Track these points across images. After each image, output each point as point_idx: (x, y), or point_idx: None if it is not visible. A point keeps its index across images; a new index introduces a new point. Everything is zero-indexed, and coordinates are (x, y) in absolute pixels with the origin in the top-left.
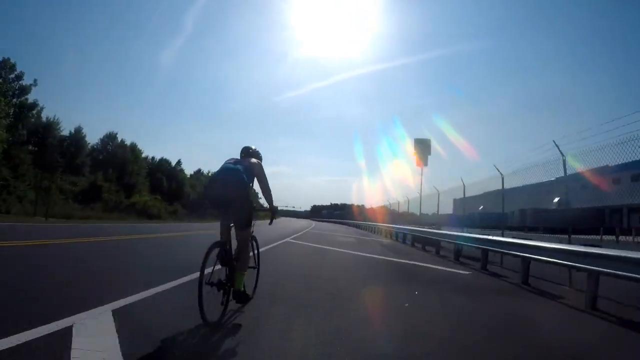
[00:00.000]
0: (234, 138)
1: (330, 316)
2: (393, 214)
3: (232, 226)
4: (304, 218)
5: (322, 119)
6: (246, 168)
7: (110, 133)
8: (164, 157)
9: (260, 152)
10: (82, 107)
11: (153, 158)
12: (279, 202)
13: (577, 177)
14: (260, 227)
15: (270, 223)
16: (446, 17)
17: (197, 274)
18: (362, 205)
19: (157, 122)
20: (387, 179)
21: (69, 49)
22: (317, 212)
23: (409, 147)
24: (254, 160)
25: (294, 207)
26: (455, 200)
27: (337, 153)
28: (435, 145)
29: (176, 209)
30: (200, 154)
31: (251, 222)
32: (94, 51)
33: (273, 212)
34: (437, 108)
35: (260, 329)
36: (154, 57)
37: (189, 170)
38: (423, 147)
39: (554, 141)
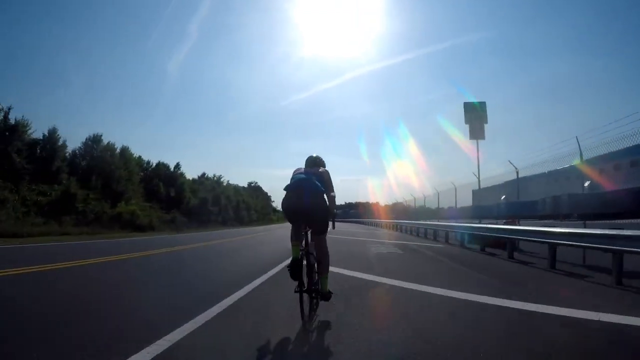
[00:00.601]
0: (246, 143)
1: None
2: (408, 210)
3: (309, 232)
4: None
5: (333, 119)
6: (318, 177)
7: (94, 135)
8: (162, 161)
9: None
10: (92, 120)
11: (149, 162)
12: None
13: (607, 157)
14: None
15: (334, 227)
16: (450, 9)
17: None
18: (377, 203)
19: (168, 132)
20: (400, 175)
21: (76, 65)
22: None
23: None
24: (322, 168)
25: None
26: (474, 192)
27: (349, 152)
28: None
29: (174, 217)
30: (211, 160)
31: (327, 228)
32: (99, 63)
33: (333, 217)
34: (447, 101)
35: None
36: (161, 67)
37: (191, 174)
38: (476, 113)
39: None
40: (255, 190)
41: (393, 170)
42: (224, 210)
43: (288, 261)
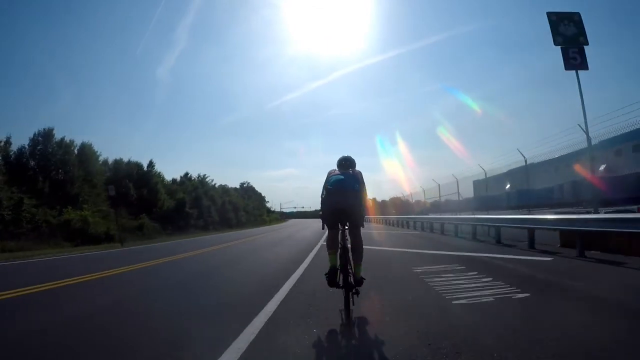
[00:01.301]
0: (238, 145)
1: None
2: (406, 205)
3: (346, 229)
4: (314, 218)
5: (327, 117)
6: (355, 177)
7: (45, 130)
8: (133, 160)
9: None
10: (82, 128)
11: (119, 160)
12: (288, 204)
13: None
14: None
15: (363, 227)
16: (441, 2)
17: None
18: (374, 198)
19: (159, 137)
20: (393, 172)
21: (65, 73)
22: None
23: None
24: (356, 169)
25: (303, 207)
26: (475, 182)
27: (344, 150)
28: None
29: (142, 224)
30: (203, 164)
31: (363, 222)
32: (88, 70)
33: (367, 213)
34: (438, 94)
35: None
36: (151, 73)
37: (173, 174)
38: (570, 28)
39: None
40: (247, 191)
41: (387, 165)
42: (206, 212)
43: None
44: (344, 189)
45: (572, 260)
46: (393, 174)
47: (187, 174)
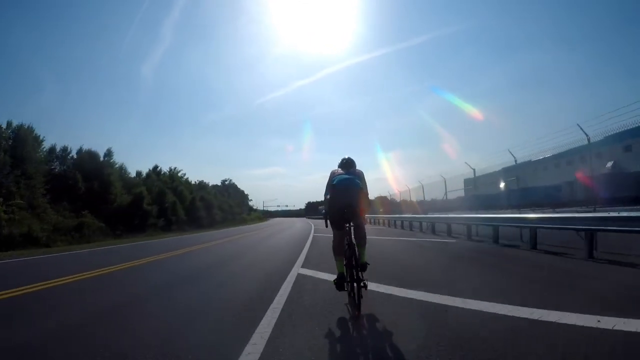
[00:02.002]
0: (223, 143)
1: None
2: (393, 204)
3: (351, 225)
4: (299, 217)
5: (312, 115)
6: (358, 177)
7: None
8: (87, 148)
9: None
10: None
11: (66, 150)
12: (271, 202)
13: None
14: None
15: (365, 223)
16: (428, 3)
17: None
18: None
19: (144, 135)
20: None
21: (49, 70)
22: (314, 209)
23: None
24: (358, 169)
25: (287, 205)
26: (466, 181)
27: (331, 148)
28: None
29: (82, 223)
30: (187, 162)
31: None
32: (72, 67)
33: (368, 211)
34: (424, 93)
35: None
36: (135, 71)
37: (138, 166)
38: None
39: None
40: (228, 187)
41: (374, 164)
42: (170, 210)
43: None
44: (349, 186)
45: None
46: (380, 172)
47: (156, 167)
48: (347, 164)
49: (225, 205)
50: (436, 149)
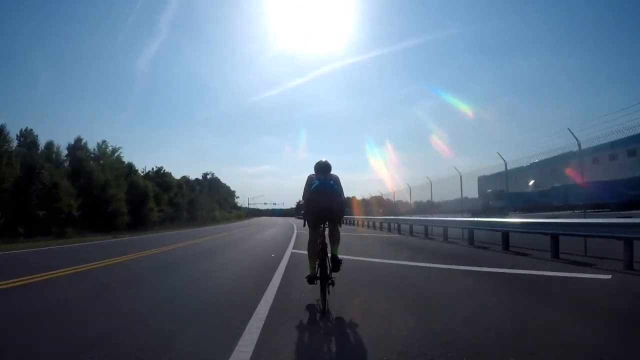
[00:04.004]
0: (216, 141)
1: None
2: (387, 204)
3: (326, 227)
4: (289, 216)
5: (307, 115)
6: (334, 181)
7: None
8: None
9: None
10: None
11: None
12: (258, 199)
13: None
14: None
15: (340, 226)
16: (424, 5)
17: None
18: (353, 197)
19: (137, 129)
20: (378, 169)
21: (45, 63)
22: (302, 209)
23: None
24: (334, 173)
25: (274, 204)
26: (480, 179)
27: (324, 148)
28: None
29: None
30: (176, 157)
31: (342, 220)
32: (67, 61)
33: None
34: (422, 95)
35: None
36: (130, 66)
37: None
38: None
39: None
40: (211, 182)
41: (369, 163)
42: (115, 205)
43: None
44: (327, 191)
45: None
46: (376, 174)
47: (80, 139)
48: (324, 168)
49: (200, 201)
50: (431, 149)
